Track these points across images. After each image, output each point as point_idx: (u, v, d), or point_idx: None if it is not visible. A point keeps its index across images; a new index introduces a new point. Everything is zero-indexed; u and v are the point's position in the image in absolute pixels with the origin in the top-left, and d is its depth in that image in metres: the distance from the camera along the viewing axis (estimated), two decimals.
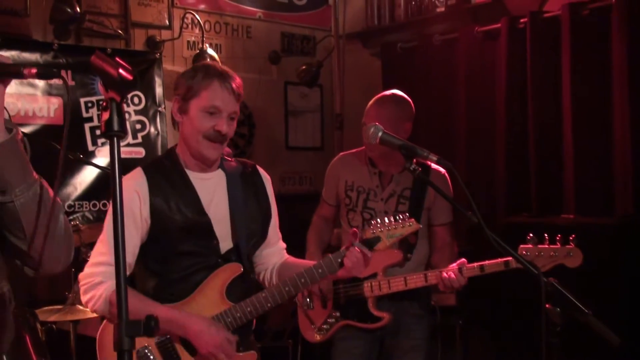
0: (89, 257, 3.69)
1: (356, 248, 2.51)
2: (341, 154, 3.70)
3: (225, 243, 2.61)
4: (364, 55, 6.03)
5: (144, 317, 2.30)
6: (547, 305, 2.01)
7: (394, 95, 3.46)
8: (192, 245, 2.55)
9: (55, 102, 4.64)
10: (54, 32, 4.63)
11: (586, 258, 2.82)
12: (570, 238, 2.55)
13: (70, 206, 4.63)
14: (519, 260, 2.17)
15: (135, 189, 2.52)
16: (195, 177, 2.61)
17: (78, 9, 4.57)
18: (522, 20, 4.64)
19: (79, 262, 3.79)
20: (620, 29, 4.14)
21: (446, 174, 3.43)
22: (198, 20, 5.27)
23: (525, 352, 4.05)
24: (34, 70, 1.45)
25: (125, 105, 5.09)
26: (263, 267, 2.83)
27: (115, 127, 1.29)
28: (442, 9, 5.28)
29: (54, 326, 3.83)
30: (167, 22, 5.25)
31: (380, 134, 2.37)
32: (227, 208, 2.63)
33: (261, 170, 2.82)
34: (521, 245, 2.89)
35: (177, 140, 5.18)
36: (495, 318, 4.45)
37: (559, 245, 2.55)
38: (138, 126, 5.00)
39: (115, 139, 1.31)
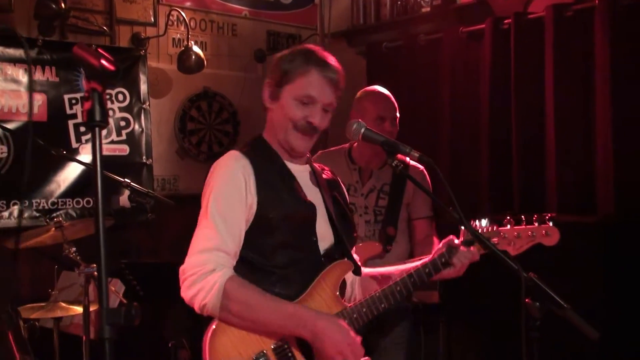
0: (72, 254, 3.74)
1: (466, 248, 2.46)
2: (320, 151, 3.76)
3: (325, 241, 2.41)
4: (349, 54, 6.03)
5: (271, 313, 2.18)
6: (526, 300, 2.04)
7: (382, 90, 3.63)
8: (294, 238, 2.33)
9: (39, 99, 4.62)
10: (38, 28, 4.63)
11: (567, 255, 2.85)
12: (547, 217, 2.56)
13: (53, 203, 4.62)
14: (500, 256, 2.19)
15: (240, 170, 2.30)
16: (290, 167, 2.44)
17: (62, 5, 4.57)
18: (506, 21, 4.67)
19: (61, 259, 3.79)
20: (603, 30, 4.18)
21: (424, 170, 3.49)
22: (183, 17, 5.27)
23: (507, 347, 4.09)
24: None
25: (109, 102, 5.07)
26: None
27: (97, 117, 1.29)
28: (428, 9, 5.30)
29: (37, 323, 3.81)
30: (152, 19, 5.24)
31: (362, 130, 2.39)
32: (322, 203, 2.45)
33: (331, 159, 2.69)
34: (500, 228, 2.90)
35: (161, 138, 5.25)
36: (477, 314, 4.48)
37: (536, 225, 2.56)
38: (122, 123, 4.99)
39: (97, 129, 1.31)
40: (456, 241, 2.47)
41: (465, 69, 4.98)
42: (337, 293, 2.37)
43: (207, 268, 2.17)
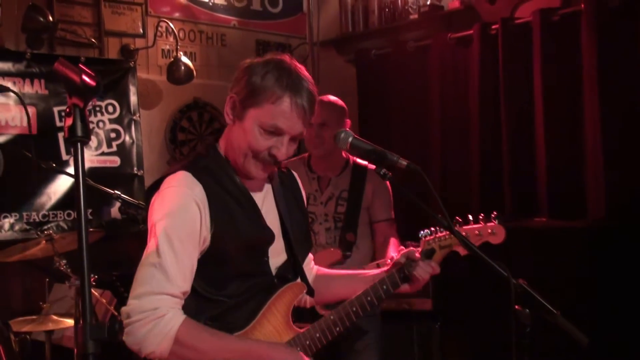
0: (63, 266, 3.73)
1: (426, 262, 2.33)
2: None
3: (277, 259, 2.25)
4: (338, 62, 6.05)
5: (223, 354, 2.04)
6: (516, 307, 2.04)
7: (331, 97, 3.71)
8: (250, 265, 2.17)
9: (29, 111, 4.60)
10: (26, 41, 4.61)
11: (558, 260, 2.85)
12: (492, 215, 2.54)
13: (44, 216, 4.60)
14: (489, 262, 2.18)
15: (194, 199, 2.06)
16: (247, 185, 2.22)
17: (51, 18, 4.55)
18: (493, 27, 4.69)
19: (53, 271, 3.78)
20: (589, 34, 4.20)
21: None
22: (172, 28, 5.26)
23: (500, 353, 4.09)
24: None
25: (99, 114, 5.02)
26: None
27: (79, 132, 1.30)
28: (416, 16, 5.32)
29: (28, 337, 3.79)
30: (141, 30, 5.23)
31: (350, 139, 2.37)
32: (277, 218, 2.28)
33: (291, 169, 2.49)
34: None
35: (152, 149, 5.24)
36: (470, 321, 4.48)
37: (482, 224, 2.55)
38: (113, 135, 4.98)
39: (79, 144, 1.31)
40: (416, 254, 2.36)
41: (454, 74, 5.01)
42: (290, 318, 2.24)
43: (158, 314, 1.99)
